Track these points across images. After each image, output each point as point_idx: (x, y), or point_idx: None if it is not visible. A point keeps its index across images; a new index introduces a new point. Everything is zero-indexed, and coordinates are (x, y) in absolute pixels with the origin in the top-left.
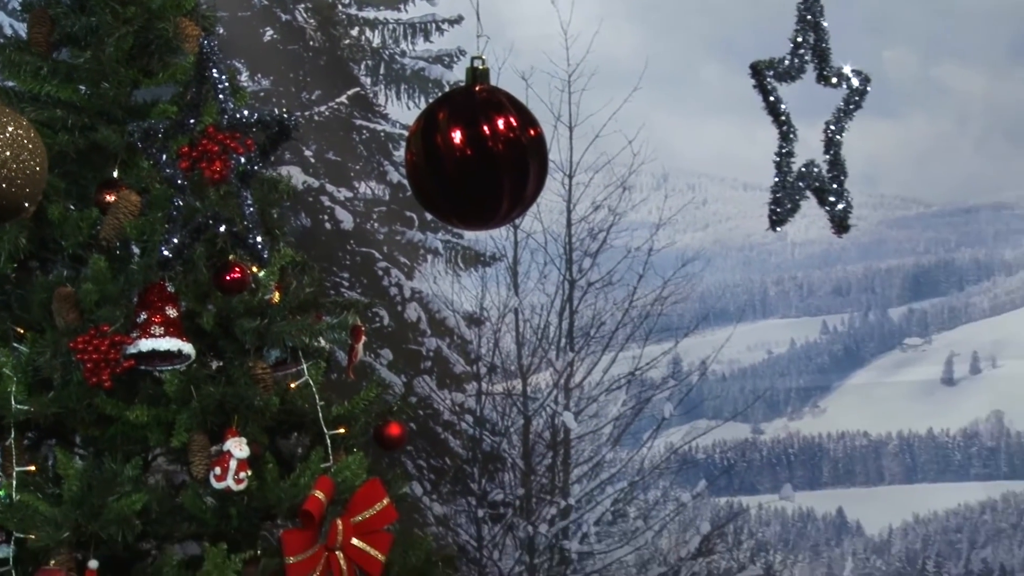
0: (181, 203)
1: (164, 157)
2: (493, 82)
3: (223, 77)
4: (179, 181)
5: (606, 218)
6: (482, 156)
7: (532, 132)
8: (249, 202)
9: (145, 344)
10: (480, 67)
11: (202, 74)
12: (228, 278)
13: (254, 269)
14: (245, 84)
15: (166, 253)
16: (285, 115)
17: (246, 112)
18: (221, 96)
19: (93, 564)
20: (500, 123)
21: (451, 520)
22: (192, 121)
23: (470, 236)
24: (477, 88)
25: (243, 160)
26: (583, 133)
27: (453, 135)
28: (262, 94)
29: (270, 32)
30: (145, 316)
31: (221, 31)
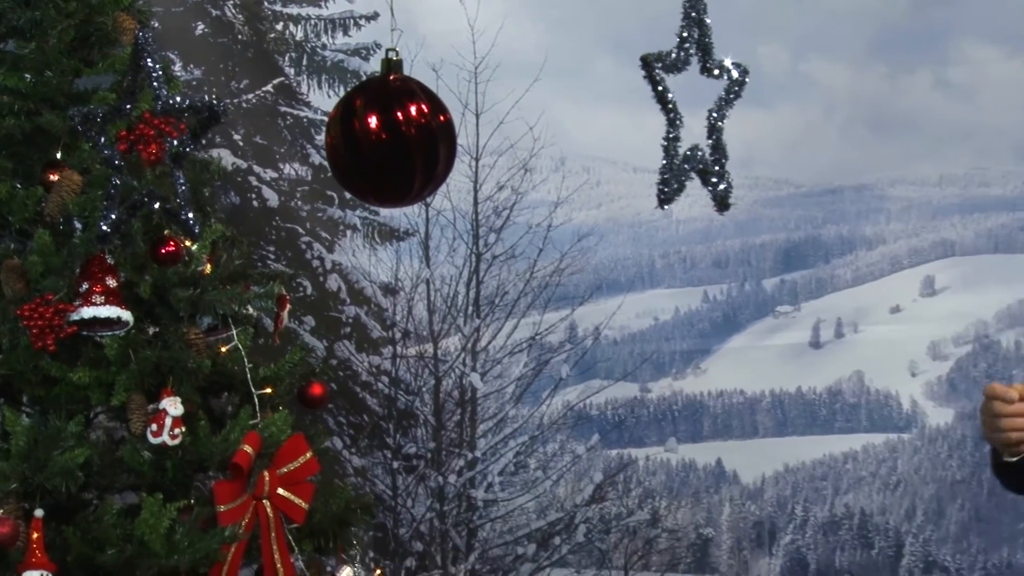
0: (119, 182)
1: (103, 140)
2: (406, 72)
3: (158, 67)
4: (117, 162)
5: (509, 197)
6: (396, 140)
7: (442, 118)
8: (182, 181)
9: (87, 311)
10: (394, 58)
11: (138, 64)
12: (163, 251)
13: (187, 243)
14: (178, 73)
15: (105, 228)
16: (215, 102)
17: (179, 99)
18: (156, 84)
19: (39, 513)
20: (412, 109)
21: (368, 471)
22: (129, 107)
23: (385, 213)
24: (391, 77)
25: (176, 143)
26: (488, 120)
27: (369, 120)
28: (194, 83)
29: (201, 26)
30: (87, 286)
31: (156, 25)
